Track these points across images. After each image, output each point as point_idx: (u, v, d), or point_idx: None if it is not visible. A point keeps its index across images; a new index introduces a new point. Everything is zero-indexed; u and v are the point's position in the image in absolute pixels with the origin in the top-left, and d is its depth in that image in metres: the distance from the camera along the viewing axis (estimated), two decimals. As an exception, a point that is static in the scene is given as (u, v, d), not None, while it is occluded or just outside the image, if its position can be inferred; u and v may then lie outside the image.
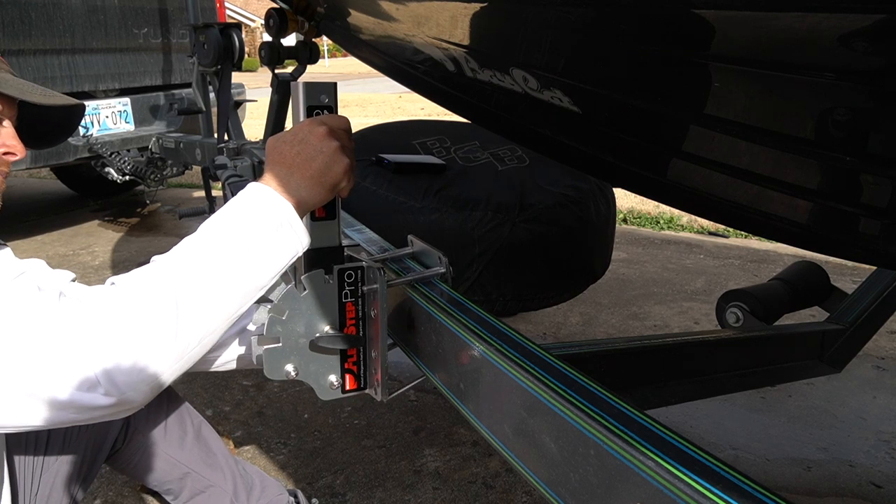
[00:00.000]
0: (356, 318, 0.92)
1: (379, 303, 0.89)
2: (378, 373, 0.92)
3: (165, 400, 1.31)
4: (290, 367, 0.90)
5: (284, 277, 0.88)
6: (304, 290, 0.87)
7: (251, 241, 0.79)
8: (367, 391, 0.96)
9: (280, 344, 0.88)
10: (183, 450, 1.31)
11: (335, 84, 0.88)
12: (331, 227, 0.89)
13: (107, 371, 0.71)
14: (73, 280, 0.99)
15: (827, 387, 2.19)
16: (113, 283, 0.76)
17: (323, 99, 0.86)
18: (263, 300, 0.86)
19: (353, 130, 1.81)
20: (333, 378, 0.93)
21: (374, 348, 0.92)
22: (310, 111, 0.86)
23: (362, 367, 0.94)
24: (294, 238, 0.82)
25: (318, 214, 0.88)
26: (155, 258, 0.78)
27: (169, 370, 0.75)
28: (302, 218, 0.83)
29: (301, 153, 0.82)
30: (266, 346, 0.88)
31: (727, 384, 1.43)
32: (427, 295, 0.91)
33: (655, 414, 0.63)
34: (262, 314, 0.89)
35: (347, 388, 0.94)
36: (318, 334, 0.89)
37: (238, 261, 0.78)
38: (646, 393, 1.30)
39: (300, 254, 0.84)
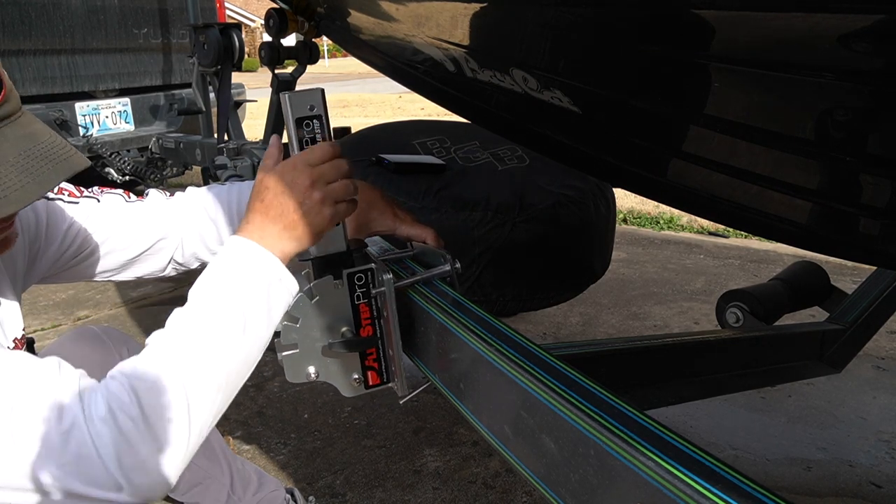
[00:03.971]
0: (371, 318, 0.92)
1: (389, 304, 0.90)
2: (396, 369, 0.95)
3: None
4: (311, 370, 0.91)
5: (300, 283, 0.89)
6: (315, 296, 0.88)
7: (247, 307, 0.79)
8: (390, 385, 0.97)
9: (298, 350, 0.89)
10: None
11: (322, 90, 0.85)
12: (336, 233, 0.89)
13: (129, 479, 0.72)
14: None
15: (827, 387, 2.19)
16: (120, 373, 0.76)
17: (311, 108, 0.84)
18: None
19: (353, 131, 1.83)
20: (355, 376, 0.95)
21: (390, 347, 0.94)
22: (299, 122, 0.84)
23: (383, 363, 0.96)
24: (285, 292, 0.82)
25: None
26: (153, 341, 0.78)
27: (185, 460, 0.77)
28: (287, 263, 0.83)
29: (283, 205, 0.81)
30: (284, 353, 0.89)
31: (727, 384, 1.43)
32: (427, 295, 0.92)
33: (655, 414, 0.63)
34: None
35: (370, 383, 0.96)
36: (333, 339, 0.90)
37: (237, 331, 0.78)
38: (646, 393, 1.30)
39: (291, 304, 0.85)
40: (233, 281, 0.80)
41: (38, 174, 0.78)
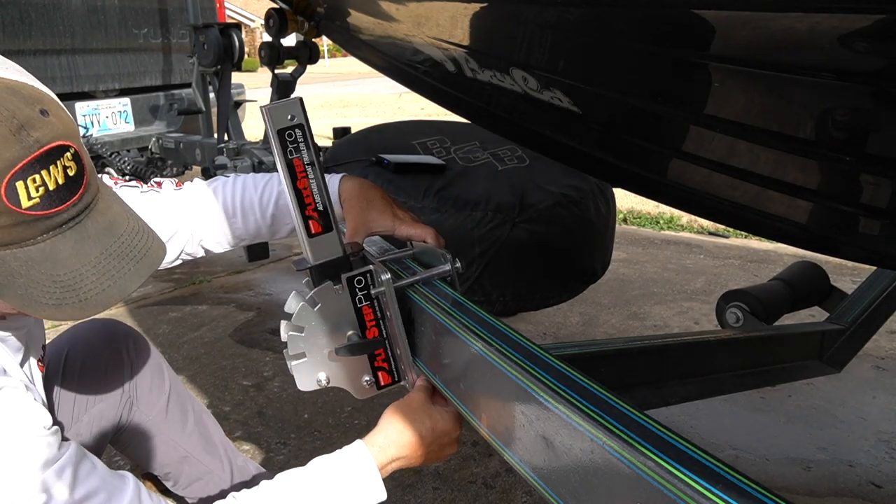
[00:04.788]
0: (375, 319, 0.93)
1: (390, 304, 0.90)
2: (406, 367, 0.96)
3: (168, 383, 1.33)
4: (321, 376, 0.92)
5: (302, 292, 0.89)
6: (317, 304, 0.88)
7: None
8: (402, 383, 0.98)
9: (306, 358, 0.90)
10: (183, 433, 1.33)
11: (300, 99, 0.84)
12: (331, 240, 0.88)
13: None
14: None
15: (827, 387, 2.19)
16: None
17: (291, 118, 0.83)
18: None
19: (353, 131, 1.83)
20: (367, 378, 0.95)
21: (397, 346, 0.94)
22: (281, 133, 0.83)
23: (393, 362, 0.96)
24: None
25: (314, 231, 0.86)
26: None
27: None
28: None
29: (429, 455, 0.91)
30: (294, 363, 0.90)
31: (727, 384, 1.43)
32: (427, 295, 0.92)
33: (655, 414, 0.63)
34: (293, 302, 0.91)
35: (382, 383, 0.97)
36: (339, 344, 0.91)
37: None
38: (646, 393, 1.30)
39: None
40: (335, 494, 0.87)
41: (119, 276, 0.78)
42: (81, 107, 3.37)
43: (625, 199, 4.35)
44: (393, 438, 0.90)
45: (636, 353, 1.33)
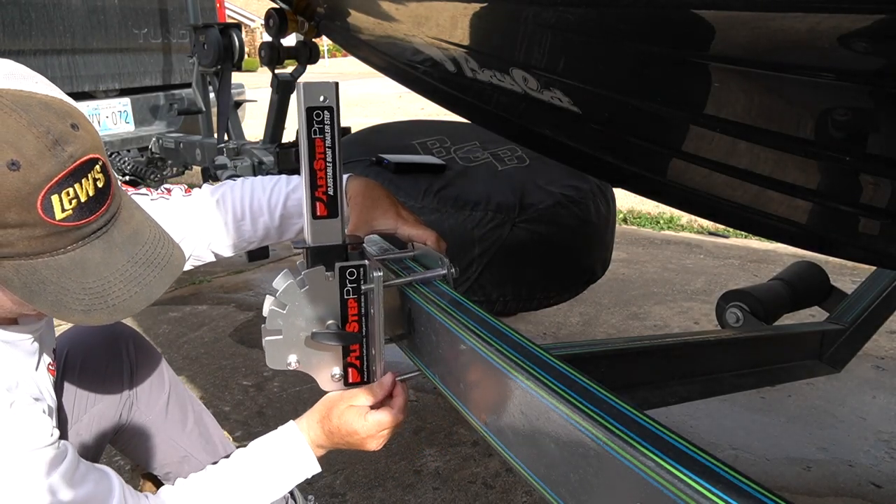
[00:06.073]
0: (358, 315, 0.92)
1: (376, 303, 0.90)
2: (378, 370, 0.95)
3: (167, 382, 1.33)
4: (292, 358, 0.92)
5: (294, 272, 0.89)
6: (305, 285, 0.88)
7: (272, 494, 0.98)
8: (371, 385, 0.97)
9: (281, 336, 0.90)
10: (183, 433, 1.33)
11: (336, 84, 0.86)
12: (333, 226, 0.89)
13: None
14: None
15: (827, 387, 2.19)
16: None
17: (322, 99, 0.84)
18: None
19: (353, 131, 1.83)
20: (336, 371, 0.95)
21: (374, 346, 0.93)
22: (309, 112, 0.84)
23: (365, 362, 0.95)
24: (303, 478, 1.01)
25: (319, 213, 0.87)
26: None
27: None
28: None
29: (352, 446, 0.98)
30: (267, 338, 0.90)
31: (727, 384, 1.43)
32: (427, 295, 0.92)
33: (655, 414, 0.63)
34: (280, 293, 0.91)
35: (350, 380, 0.96)
36: (316, 329, 0.90)
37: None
38: (646, 393, 1.30)
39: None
40: (273, 474, 0.98)
41: (145, 283, 0.81)
42: (81, 107, 3.36)
43: (625, 199, 4.35)
44: (315, 429, 1.00)
45: (636, 353, 1.34)
